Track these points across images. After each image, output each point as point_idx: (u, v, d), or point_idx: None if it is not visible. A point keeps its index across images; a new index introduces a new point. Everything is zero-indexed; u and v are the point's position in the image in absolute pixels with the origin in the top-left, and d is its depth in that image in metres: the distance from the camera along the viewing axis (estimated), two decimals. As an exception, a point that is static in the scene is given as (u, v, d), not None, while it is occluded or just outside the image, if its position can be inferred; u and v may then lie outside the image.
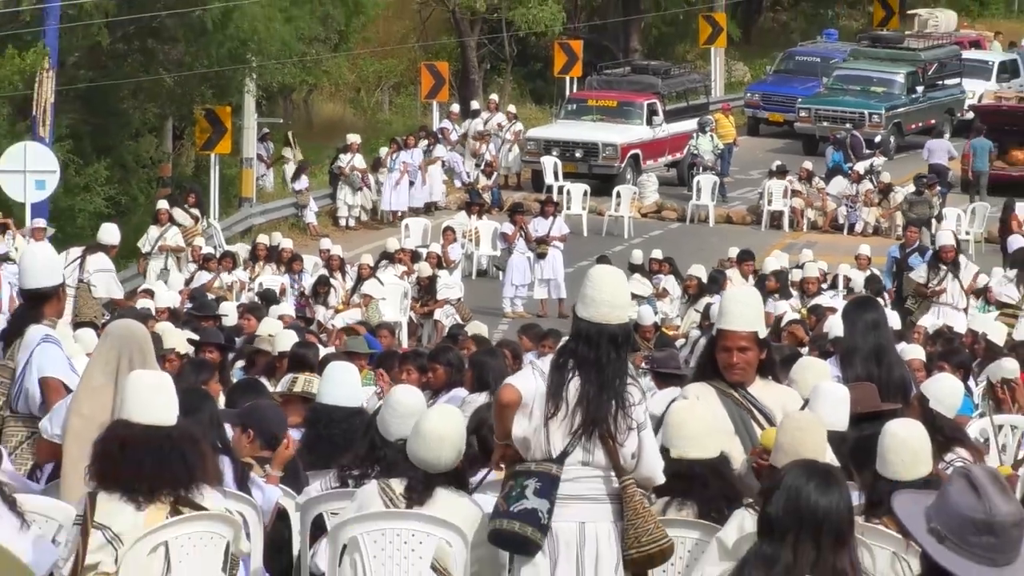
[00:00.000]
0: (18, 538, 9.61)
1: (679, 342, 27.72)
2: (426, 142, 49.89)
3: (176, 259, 38.39)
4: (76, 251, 30.62)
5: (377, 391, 17.84)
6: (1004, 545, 6.66)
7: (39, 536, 9.92)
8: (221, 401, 14.37)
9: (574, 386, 9.76)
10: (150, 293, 29.97)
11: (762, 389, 10.85)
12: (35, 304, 13.49)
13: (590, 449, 9.76)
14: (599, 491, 9.80)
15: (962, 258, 34.42)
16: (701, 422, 10.27)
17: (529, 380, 9.86)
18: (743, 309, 11.03)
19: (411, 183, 48.11)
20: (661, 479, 9.99)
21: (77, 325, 21.88)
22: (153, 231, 38.01)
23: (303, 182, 48.05)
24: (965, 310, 30.84)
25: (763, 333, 11.09)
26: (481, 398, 15.98)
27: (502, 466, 10.25)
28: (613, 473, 9.79)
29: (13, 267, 25.25)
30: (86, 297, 28.53)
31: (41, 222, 33.45)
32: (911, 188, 47.58)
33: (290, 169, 49.52)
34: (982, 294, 32.45)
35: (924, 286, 32.55)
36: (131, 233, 37.37)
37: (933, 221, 43.77)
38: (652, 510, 9.86)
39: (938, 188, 47.67)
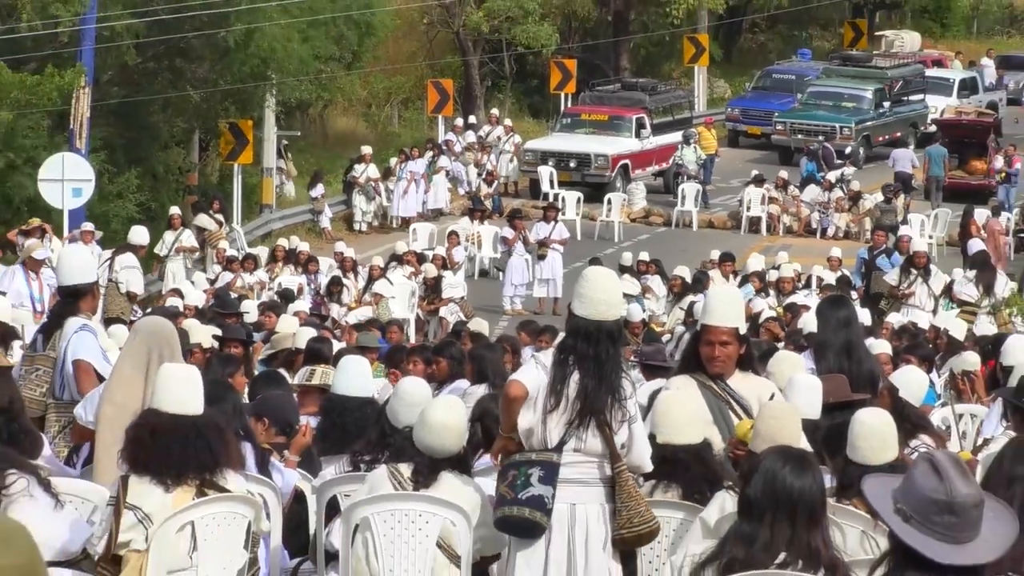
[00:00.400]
0: (52, 516, 9.67)
1: (665, 337, 27.74)
2: (431, 153, 49.99)
3: (192, 260, 38.49)
4: (106, 253, 30.68)
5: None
6: (964, 524, 6.67)
7: (74, 515, 9.95)
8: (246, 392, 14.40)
9: (574, 380, 9.77)
10: (178, 292, 29.96)
11: (741, 381, 10.89)
12: (72, 300, 13.53)
13: (583, 437, 9.77)
14: (590, 476, 9.81)
15: (933, 266, 34.66)
16: (687, 411, 10.29)
17: (533, 374, 9.86)
18: (725, 307, 11.10)
19: (417, 191, 48.22)
20: (649, 467, 9.99)
21: (106, 321, 21.90)
22: (168, 236, 38.04)
23: (319, 190, 48.06)
24: (933, 312, 30.88)
25: (743, 329, 11.15)
26: (480, 389, 16.01)
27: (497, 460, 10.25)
28: (603, 459, 9.80)
29: (51, 271, 25.26)
30: (114, 295, 28.56)
31: (89, 226, 33.47)
32: (879, 196, 47.74)
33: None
34: (945, 293, 32.56)
35: (896, 288, 32.73)
36: (159, 237, 37.48)
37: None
38: (638, 491, 9.87)
39: (903, 195, 47.87)
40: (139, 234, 32.10)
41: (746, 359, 11.09)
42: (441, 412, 10.34)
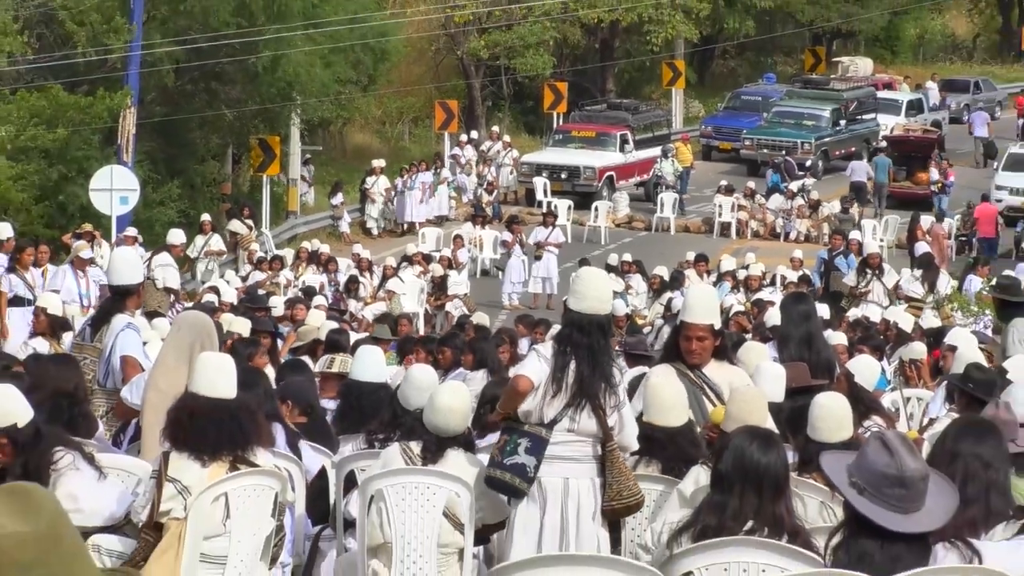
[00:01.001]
0: (97, 487, 9.69)
1: (646, 329, 27.77)
2: (435, 166, 50.16)
3: (219, 261, 38.61)
4: (146, 254, 30.77)
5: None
6: (912, 496, 6.67)
7: (119, 487, 9.96)
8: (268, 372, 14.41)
9: (571, 367, 9.78)
10: (215, 290, 29.99)
11: (715, 369, 10.93)
12: (120, 298, 13.53)
13: (577, 419, 9.76)
14: (582, 453, 9.80)
15: (886, 265, 34.81)
16: (674, 397, 10.29)
17: (537, 367, 9.86)
18: (703, 306, 11.17)
19: (424, 200, 48.36)
20: (636, 446, 10.00)
21: (146, 315, 21.92)
22: (199, 239, 38.16)
23: (338, 198, 48.21)
24: (888, 307, 31.01)
25: (718, 325, 11.21)
26: (480, 374, 16.04)
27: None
28: (594, 439, 9.80)
29: (98, 270, 25.25)
30: (151, 290, 28.56)
31: (132, 231, 33.55)
32: (836, 204, 47.89)
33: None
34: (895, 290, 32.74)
35: (855, 287, 32.89)
36: (193, 240, 37.70)
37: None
38: (627, 467, 9.88)
39: (855, 203, 48.04)
40: (175, 235, 32.28)
41: (720, 350, 11.17)
42: (447, 396, 10.33)
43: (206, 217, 39.54)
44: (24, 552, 2.87)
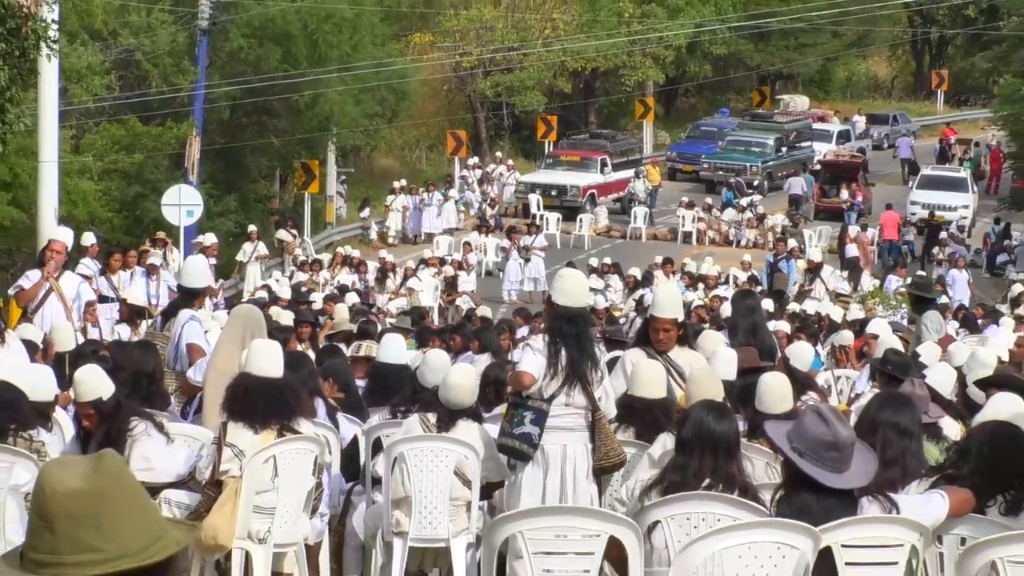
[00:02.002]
0: (164, 450, 9.71)
1: (621, 320, 27.72)
2: (444, 187, 50.35)
3: (265, 264, 38.66)
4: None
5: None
6: (843, 458, 6.69)
7: (184, 450, 9.96)
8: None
9: (563, 353, 9.81)
10: (267, 288, 30.04)
11: (679, 354, 10.96)
12: (189, 297, 13.52)
13: (571, 395, 9.76)
14: (576, 424, 9.79)
15: (827, 267, 35.02)
16: (652, 374, 10.30)
17: (534, 361, 9.86)
18: (670, 303, 11.24)
19: (438, 214, 48.50)
20: (614, 412, 10.01)
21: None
22: (247, 246, 38.19)
23: (367, 212, 48.30)
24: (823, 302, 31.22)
25: (682, 318, 11.25)
26: (484, 357, 16.02)
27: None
28: (585, 410, 9.80)
29: (167, 273, 25.23)
30: None
31: (207, 238, 33.58)
32: (780, 216, 48.07)
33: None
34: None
35: (802, 286, 33.14)
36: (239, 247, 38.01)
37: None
38: (612, 434, 9.90)
39: (797, 213, 48.31)
40: (207, 238, 32.40)
41: (683, 338, 11.20)
42: (458, 375, 10.35)
43: (252, 228, 39.59)
44: (75, 506, 2.85)
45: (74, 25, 35.73)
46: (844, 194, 51.26)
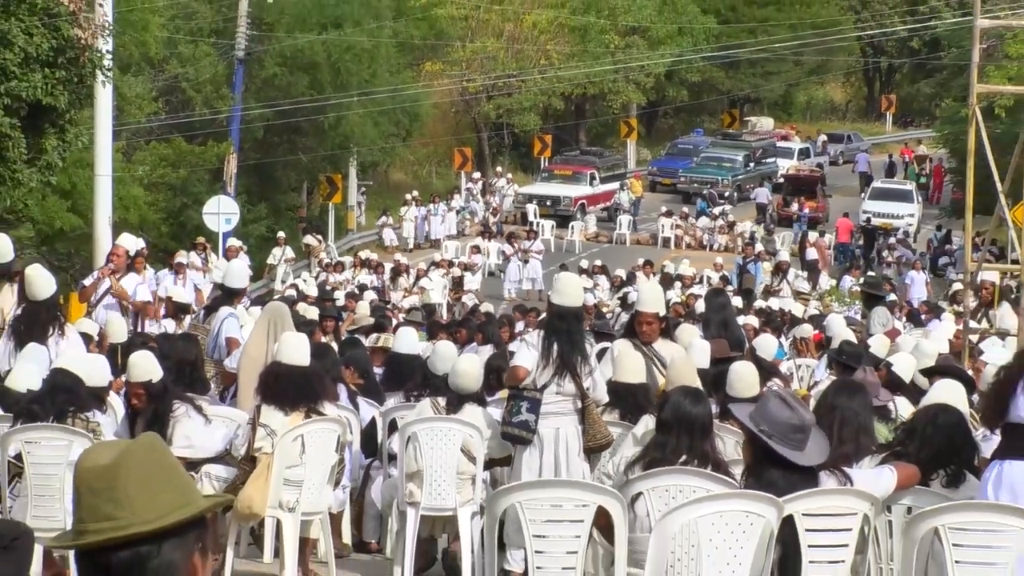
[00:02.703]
0: (203, 429, 9.74)
1: (608, 315, 27.74)
2: (448, 199, 50.48)
3: (293, 266, 38.67)
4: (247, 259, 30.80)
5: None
6: (805, 438, 6.69)
7: (222, 429, 9.98)
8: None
9: (555, 347, 9.82)
10: (295, 287, 30.06)
11: (662, 345, 10.97)
12: (230, 296, 13.54)
13: (562, 384, 9.79)
14: (567, 409, 9.81)
15: (792, 270, 35.15)
16: (634, 364, 10.30)
17: (528, 355, 9.90)
18: (653, 299, 11.26)
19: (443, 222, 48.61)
20: (605, 399, 10.02)
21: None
22: (277, 251, 38.27)
23: (383, 220, 48.28)
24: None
25: (663, 312, 11.27)
26: (487, 348, 16.02)
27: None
28: (575, 398, 9.82)
29: (194, 272, 25.17)
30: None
31: (237, 242, 33.58)
32: (748, 224, 48.19)
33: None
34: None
35: (770, 285, 33.19)
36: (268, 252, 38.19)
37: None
38: (600, 417, 9.91)
39: (764, 219, 48.44)
40: (232, 243, 32.57)
41: (665, 331, 11.20)
42: (465, 364, 10.37)
43: (281, 234, 39.75)
44: (94, 480, 2.89)
45: (132, 54, 35.82)
46: (794, 206, 51.41)
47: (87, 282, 15.47)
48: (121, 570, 2.86)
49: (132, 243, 17.78)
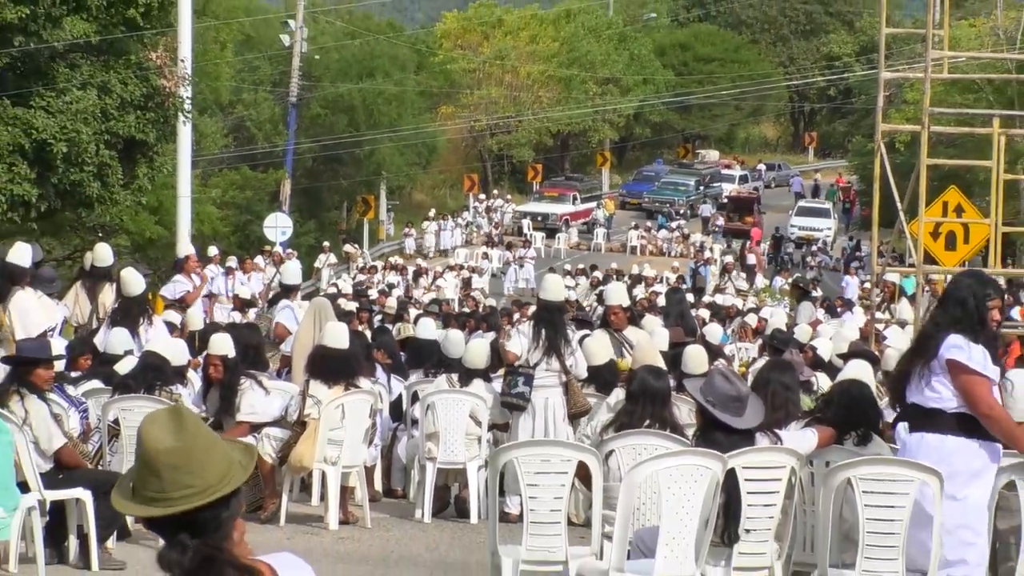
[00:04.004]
0: (263, 399, 9.68)
1: (588, 308, 27.71)
2: (458, 215, 50.41)
3: (335, 270, 38.58)
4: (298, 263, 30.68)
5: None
6: (743, 407, 6.67)
7: (278, 400, 9.95)
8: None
9: (543, 333, 9.83)
10: (336, 286, 30.02)
11: (630, 332, 10.98)
12: (288, 291, 13.51)
13: (549, 362, 9.81)
14: (553, 382, 9.83)
15: (735, 272, 35.14)
16: (598, 348, 10.29)
17: (518, 342, 9.98)
18: (618, 295, 11.32)
19: (452, 235, 48.58)
20: (585, 375, 10.02)
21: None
22: (322, 257, 38.17)
23: (407, 232, 48.26)
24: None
25: (627, 303, 11.30)
26: (491, 335, 16.00)
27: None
28: (560, 373, 9.83)
29: (240, 274, 25.01)
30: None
31: (293, 252, 33.49)
32: (699, 235, 48.16)
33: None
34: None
35: (719, 285, 33.21)
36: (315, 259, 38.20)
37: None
38: (580, 390, 9.91)
39: (710, 233, 48.51)
40: (276, 250, 32.44)
41: (632, 320, 11.20)
42: (475, 347, 10.42)
43: (326, 243, 39.71)
44: (173, 459, 2.91)
45: (207, 100, 35.83)
46: (720, 220, 51.50)
47: (190, 288, 15.24)
48: (202, 525, 2.90)
49: (188, 249, 17.68)
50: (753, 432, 6.76)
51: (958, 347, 6.04)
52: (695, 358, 9.37)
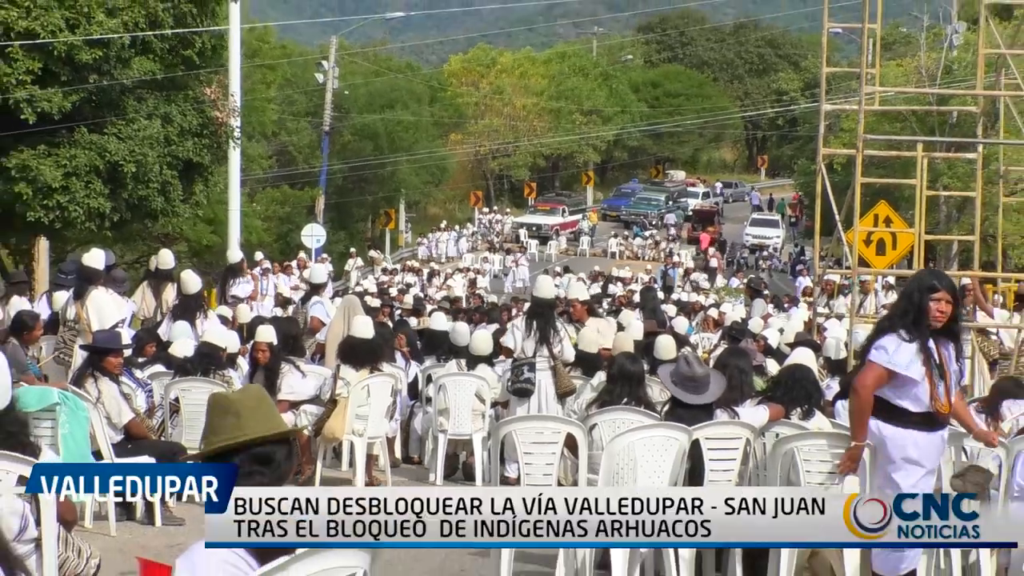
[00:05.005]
0: (300, 380, 9.66)
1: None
2: (462, 227, 50.40)
3: (362, 271, 38.51)
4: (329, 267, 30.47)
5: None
6: (700, 386, 6.66)
7: (313, 380, 9.93)
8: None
9: (535, 325, 9.80)
10: (363, 285, 29.94)
11: (590, 322, 10.73)
12: (316, 289, 13.47)
13: (541, 350, 9.78)
14: (545, 367, 9.79)
15: (697, 273, 35.05)
16: (594, 337, 10.28)
17: (511, 338, 9.97)
18: (577, 291, 11.29)
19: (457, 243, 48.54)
20: (571, 359, 10.00)
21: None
22: (350, 261, 38.06)
23: (423, 240, 48.18)
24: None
25: (584, 298, 11.09)
26: (493, 327, 15.96)
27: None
28: (550, 359, 9.79)
29: (285, 276, 24.91)
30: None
31: (326, 257, 33.37)
32: (664, 243, 48.09)
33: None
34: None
35: (682, 285, 33.19)
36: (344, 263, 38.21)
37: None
38: (567, 372, 9.89)
39: (676, 240, 48.49)
40: (302, 256, 32.28)
41: (590, 311, 11.03)
42: (478, 337, 10.40)
43: (353, 250, 39.51)
44: (251, 400, 3.07)
45: (254, 128, 35.80)
46: (684, 231, 51.42)
47: (251, 289, 15.12)
48: (266, 458, 3.07)
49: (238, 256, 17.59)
50: (712, 407, 6.75)
51: (882, 348, 5.60)
52: (665, 346, 9.36)
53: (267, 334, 9.61)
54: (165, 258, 12.63)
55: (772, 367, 10.46)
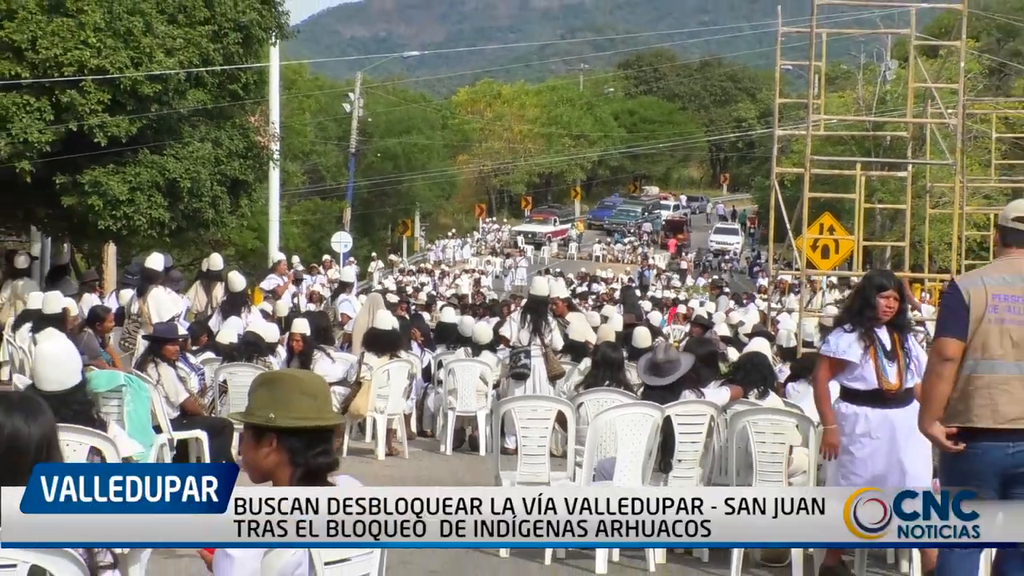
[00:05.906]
0: (331, 367, 9.61)
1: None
2: (468, 236, 50.35)
3: (382, 272, 38.36)
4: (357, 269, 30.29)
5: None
6: (664, 371, 6.65)
7: (342, 365, 9.90)
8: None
9: (529, 318, 9.79)
10: (383, 284, 29.84)
11: (569, 317, 10.51)
12: (344, 287, 13.44)
13: (535, 340, 9.76)
14: (539, 354, 9.77)
15: (669, 274, 34.91)
16: (583, 328, 10.24)
17: (508, 328, 9.97)
18: (558, 289, 11.02)
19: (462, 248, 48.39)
20: (560, 348, 9.97)
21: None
22: (373, 264, 37.96)
23: (435, 246, 48.08)
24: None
25: (564, 295, 10.73)
26: (495, 320, 15.95)
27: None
28: (542, 346, 9.77)
29: (310, 277, 24.74)
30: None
31: (353, 260, 33.14)
32: (646, 250, 47.98)
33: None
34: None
35: (655, 284, 33.07)
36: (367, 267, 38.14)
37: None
38: (556, 359, 9.87)
39: (651, 245, 48.40)
40: (328, 258, 32.05)
41: (570, 307, 10.80)
42: (481, 328, 10.37)
43: (374, 254, 39.52)
44: (319, 391, 2.97)
45: (291, 150, 35.78)
46: (656, 237, 51.38)
47: (279, 283, 15.03)
48: (321, 438, 2.92)
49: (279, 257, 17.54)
50: (678, 388, 6.74)
51: (828, 342, 5.50)
52: (642, 336, 9.35)
53: (302, 326, 9.61)
54: (215, 261, 12.62)
55: (732, 354, 10.45)
